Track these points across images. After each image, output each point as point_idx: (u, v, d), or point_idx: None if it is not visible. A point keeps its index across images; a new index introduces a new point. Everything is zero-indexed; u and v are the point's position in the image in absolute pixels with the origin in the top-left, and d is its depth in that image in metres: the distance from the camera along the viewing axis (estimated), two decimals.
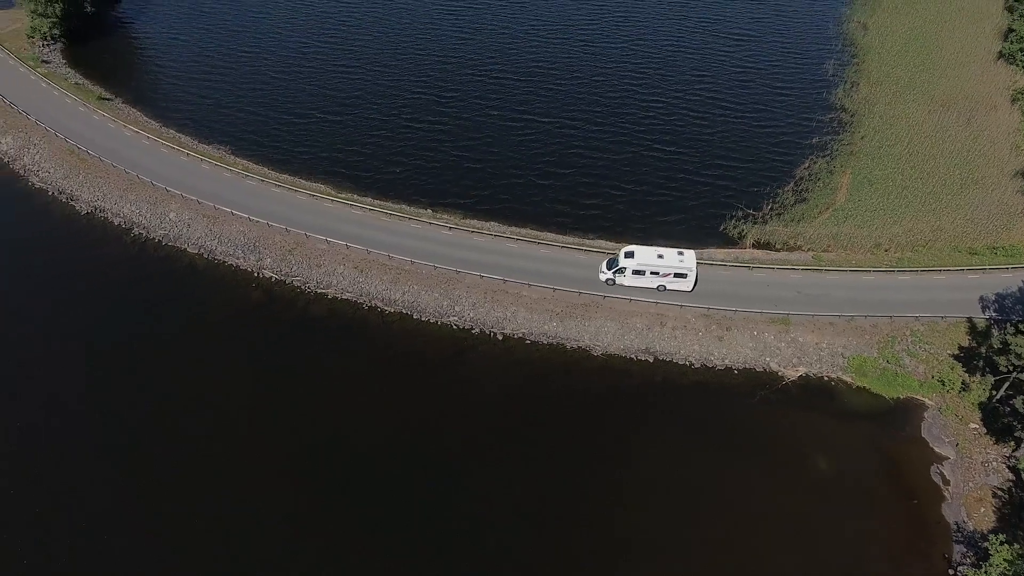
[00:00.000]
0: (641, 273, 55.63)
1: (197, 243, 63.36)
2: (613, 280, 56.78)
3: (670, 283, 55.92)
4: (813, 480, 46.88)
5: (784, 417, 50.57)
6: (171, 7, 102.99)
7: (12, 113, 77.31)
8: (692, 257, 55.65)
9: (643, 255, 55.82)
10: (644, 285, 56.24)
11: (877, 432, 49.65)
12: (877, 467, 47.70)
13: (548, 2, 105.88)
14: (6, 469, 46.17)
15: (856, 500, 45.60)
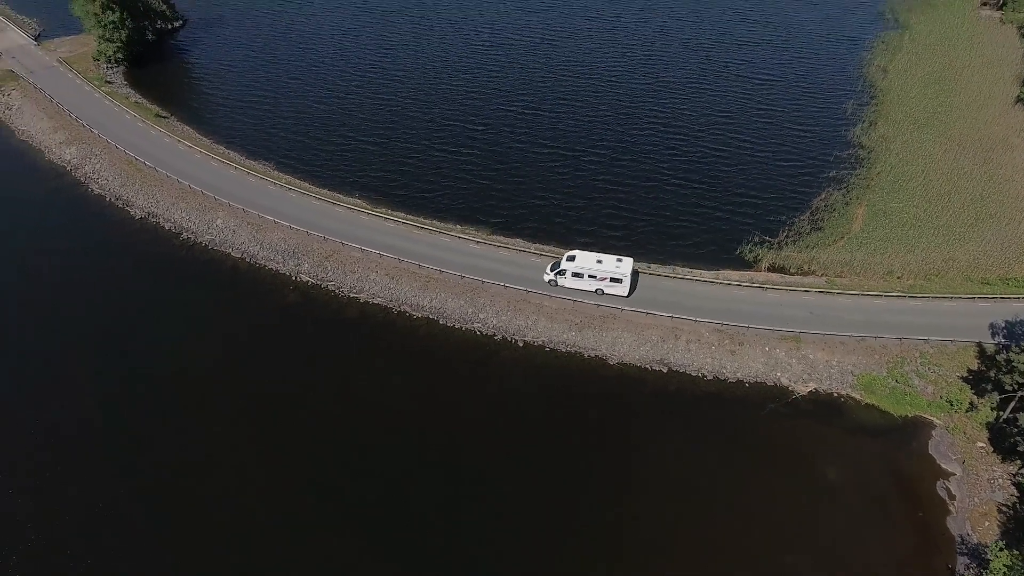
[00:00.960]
0: (580, 276, 59.15)
1: (241, 248, 67.64)
2: (555, 281, 60.35)
3: (607, 287, 59.10)
4: (820, 488, 48.11)
5: (793, 428, 52.10)
6: (223, 38, 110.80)
7: (77, 127, 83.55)
8: (629, 264, 58.81)
9: (583, 260, 59.37)
10: (583, 287, 59.58)
11: (885, 447, 50.88)
12: (884, 479, 48.81)
13: (577, 42, 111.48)
14: (64, 453, 49.66)
15: (862, 510, 46.71)
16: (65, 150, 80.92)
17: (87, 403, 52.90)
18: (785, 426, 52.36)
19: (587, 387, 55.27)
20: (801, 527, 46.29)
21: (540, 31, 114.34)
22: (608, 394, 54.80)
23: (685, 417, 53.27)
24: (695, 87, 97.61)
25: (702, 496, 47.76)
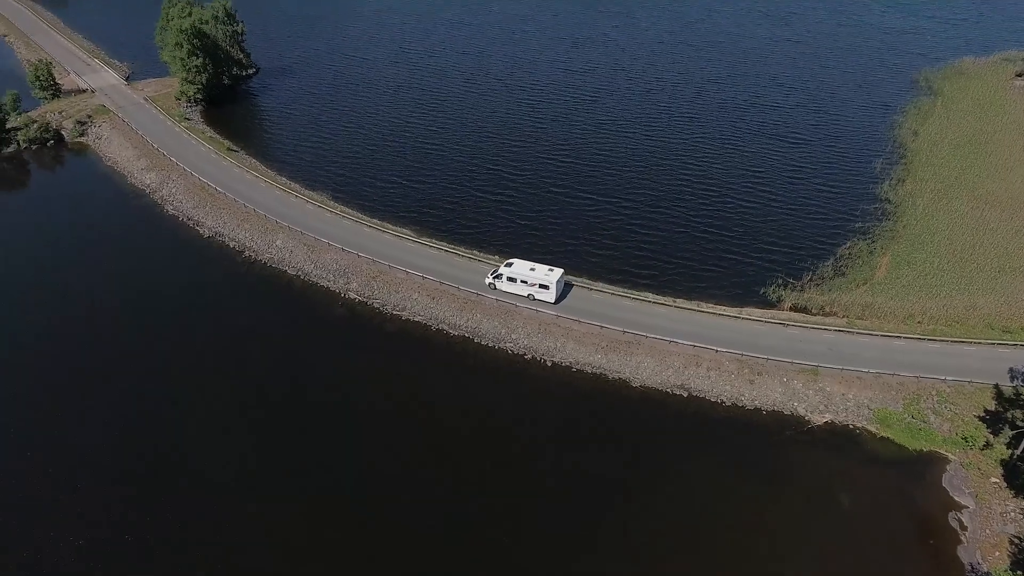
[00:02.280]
0: (514, 280, 65.29)
1: (296, 266, 73.65)
2: (494, 285, 66.55)
3: (537, 292, 65.08)
4: (833, 514, 49.55)
5: (808, 456, 53.87)
6: (290, 85, 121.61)
7: (158, 155, 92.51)
8: (558, 273, 64.93)
9: (518, 267, 65.98)
10: (516, 292, 65.65)
11: (899, 478, 52.16)
12: (897, 508, 49.94)
13: (618, 101, 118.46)
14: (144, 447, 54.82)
15: (874, 535, 47.88)
16: (146, 175, 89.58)
17: (155, 389, 58.18)
18: (800, 453, 54.20)
19: (609, 407, 58.25)
20: (812, 551, 47.56)
21: (583, 90, 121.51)
22: (629, 414, 57.64)
23: (703, 440, 55.57)
24: (728, 145, 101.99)
25: (715, 515, 49.53)
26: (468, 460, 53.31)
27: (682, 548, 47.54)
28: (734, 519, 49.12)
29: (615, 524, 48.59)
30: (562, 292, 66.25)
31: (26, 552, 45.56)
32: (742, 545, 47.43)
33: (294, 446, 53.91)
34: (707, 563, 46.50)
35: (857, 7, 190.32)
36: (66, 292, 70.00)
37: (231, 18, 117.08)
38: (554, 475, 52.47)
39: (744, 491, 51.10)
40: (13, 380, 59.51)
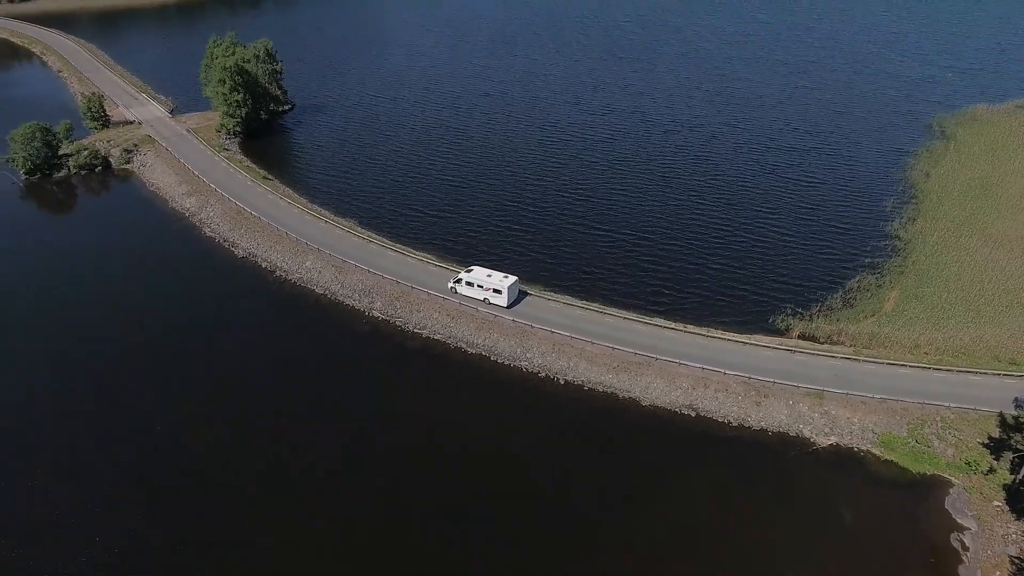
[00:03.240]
0: (472, 285, 71.26)
1: (324, 286, 77.49)
2: (455, 289, 72.53)
3: (491, 297, 70.72)
4: (836, 531, 50.64)
5: (813, 476, 55.16)
6: (323, 121, 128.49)
7: (198, 182, 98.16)
8: (510, 280, 70.82)
9: (477, 273, 72.01)
10: (474, 296, 71.53)
11: (902, 499, 53.17)
12: (899, 528, 50.87)
13: (635, 141, 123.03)
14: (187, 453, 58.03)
15: (876, 552, 48.78)
16: (186, 199, 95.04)
17: (198, 394, 61.59)
18: (805, 473, 55.55)
19: (619, 424, 60.23)
20: (815, 566, 48.63)
21: (601, 130, 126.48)
22: (639, 432, 59.55)
23: (709, 457, 57.17)
24: (743, 185, 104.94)
25: (720, 529, 50.88)
26: (481, 470, 55.37)
27: (686, 559, 48.86)
28: (738, 533, 50.42)
29: (620, 532, 50.19)
30: (516, 299, 71.69)
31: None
32: (745, 558, 48.67)
33: (315, 454, 56.41)
34: (707, 571, 47.78)
35: (875, 57, 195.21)
36: (110, 305, 74.35)
37: (271, 57, 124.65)
38: (564, 485, 54.32)
39: (749, 506, 52.49)
40: (59, 386, 63.10)
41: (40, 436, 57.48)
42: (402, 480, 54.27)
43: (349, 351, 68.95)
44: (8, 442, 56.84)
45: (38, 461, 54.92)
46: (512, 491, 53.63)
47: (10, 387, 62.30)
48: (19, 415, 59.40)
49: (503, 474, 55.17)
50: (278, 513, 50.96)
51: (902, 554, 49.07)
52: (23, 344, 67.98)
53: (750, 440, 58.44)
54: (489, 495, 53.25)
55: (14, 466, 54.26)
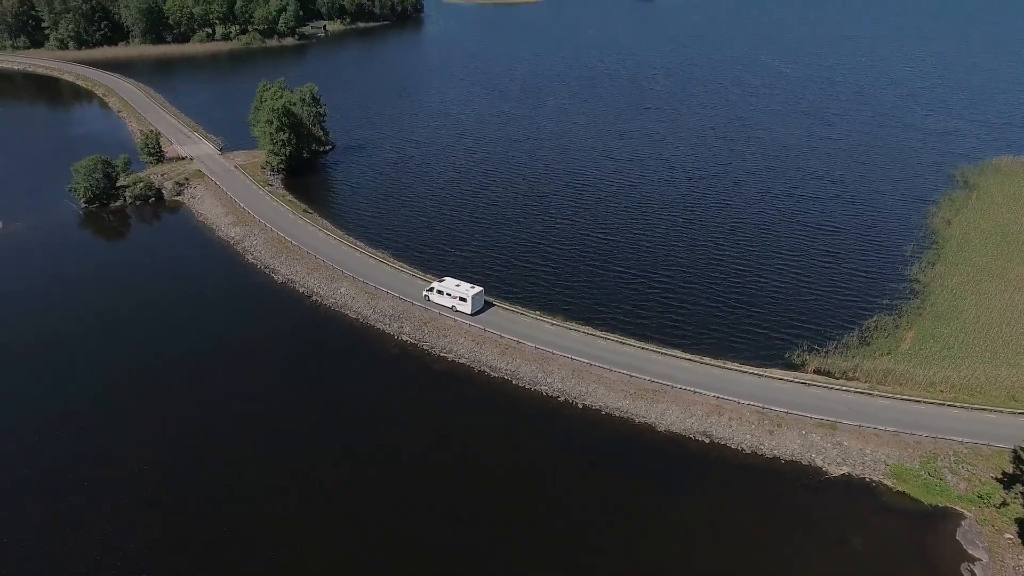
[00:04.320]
0: (442, 294, 78.51)
1: (356, 310, 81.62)
2: (428, 297, 79.72)
3: (458, 304, 78.08)
4: (846, 556, 51.52)
5: (825, 503, 56.24)
6: (360, 161, 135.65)
7: (243, 213, 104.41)
8: (476, 290, 78.32)
9: (447, 283, 79.60)
10: (444, 303, 78.86)
11: (913, 529, 53.90)
12: (910, 556, 51.51)
13: (657, 186, 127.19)
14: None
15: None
16: (232, 229, 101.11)
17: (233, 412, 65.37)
18: (816, 500, 56.70)
19: (635, 448, 62.21)
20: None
21: (626, 175, 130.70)
22: (653, 456, 61.42)
23: (722, 482, 58.66)
24: (764, 231, 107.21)
25: (730, 551, 52.04)
26: (499, 487, 57.53)
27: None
28: (749, 557, 51.53)
29: (632, 553, 51.72)
30: (480, 308, 78.82)
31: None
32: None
33: (344, 468, 59.30)
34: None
35: (900, 110, 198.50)
36: (158, 323, 79.22)
37: (316, 101, 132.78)
38: (578, 504, 56.09)
39: (761, 531, 53.74)
40: (108, 401, 67.33)
41: (91, 446, 61.18)
42: (422, 494, 56.42)
43: (379, 372, 72.35)
44: (64, 453, 60.64)
45: (95, 470, 58.42)
46: (527, 508, 55.51)
47: (69, 396, 66.50)
48: (68, 426, 63.26)
49: (520, 492, 57.20)
50: (306, 525, 53.05)
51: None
52: (78, 357, 72.62)
53: (763, 467, 59.87)
54: (505, 511, 55.18)
55: (73, 477, 57.73)
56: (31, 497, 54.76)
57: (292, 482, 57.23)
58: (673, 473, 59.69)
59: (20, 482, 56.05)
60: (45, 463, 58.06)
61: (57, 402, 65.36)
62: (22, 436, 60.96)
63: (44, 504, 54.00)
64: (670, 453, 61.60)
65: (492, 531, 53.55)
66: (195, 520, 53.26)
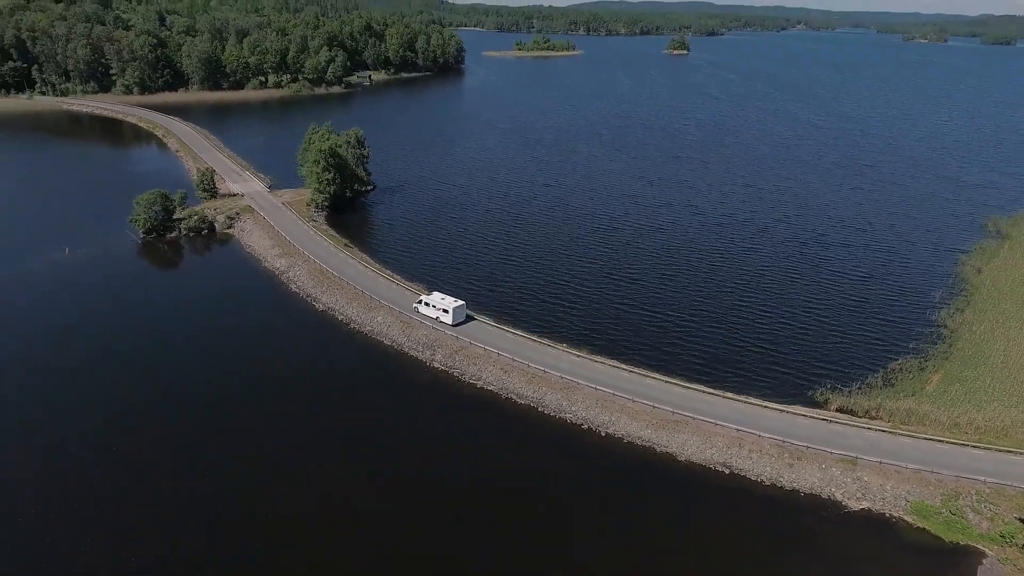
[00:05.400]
0: (429, 306, 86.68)
1: (392, 338, 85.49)
2: (417, 309, 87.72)
3: (441, 315, 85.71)
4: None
5: (843, 537, 56.66)
6: (399, 201, 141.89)
7: (288, 245, 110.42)
8: (457, 303, 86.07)
9: (434, 297, 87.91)
10: (429, 314, 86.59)
11: (933, 565, 53.97)
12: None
13: (685, 230, 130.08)
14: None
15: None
16: (277, 260, 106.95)
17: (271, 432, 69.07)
18: (835, 534, 57.23)
19: (655, 476, 63.65)
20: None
21: (654, 221, 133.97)
22: (673, 484, 62.79)
23: (741, 512, 59.56)
24: (792, 276, 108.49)
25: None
26: (520, 510, 59.16)
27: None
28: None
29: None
30: (462, 320, 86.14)
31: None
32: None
33: (375, 487, 61.99)
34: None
35: (933, 162, 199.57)
36: (206, 345, 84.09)
37: (360, 144, 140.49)
38: (598, 529, 57.51)
39: (778, 561, 54.43)
40: (152, 416, 71.71)
41: (127, 459, 65.24)
42: (446, 516, 58.20)
43: (411, 397, 75.41)
44: (122, 468, 64.80)
45: (144, 484, 62.39)
46: (548, 532, 56.89)
47: (122, 414, 71.05)
48: (118, 439, 67.61)
49: (541, 516, 58.64)
50: (333, 546, 54.78)
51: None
52: (132, 374, 77.46)
53: (782, 499, 60.74)
54: (527, 534, 56.48)
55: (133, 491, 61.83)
56: (88, 518, 58.57)
57: (322, 503, 59.52)
58: (692, 502, 60.87)
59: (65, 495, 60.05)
60: (93, 482, 62.03)
61: (108, 415, 69.89)
62: (67, 454, 64.78)
63: (98, 519, 57.73)
64: (690, 482, 62.88)
65: (515, 553, 55.00)
66: (222, 539, 55.42)
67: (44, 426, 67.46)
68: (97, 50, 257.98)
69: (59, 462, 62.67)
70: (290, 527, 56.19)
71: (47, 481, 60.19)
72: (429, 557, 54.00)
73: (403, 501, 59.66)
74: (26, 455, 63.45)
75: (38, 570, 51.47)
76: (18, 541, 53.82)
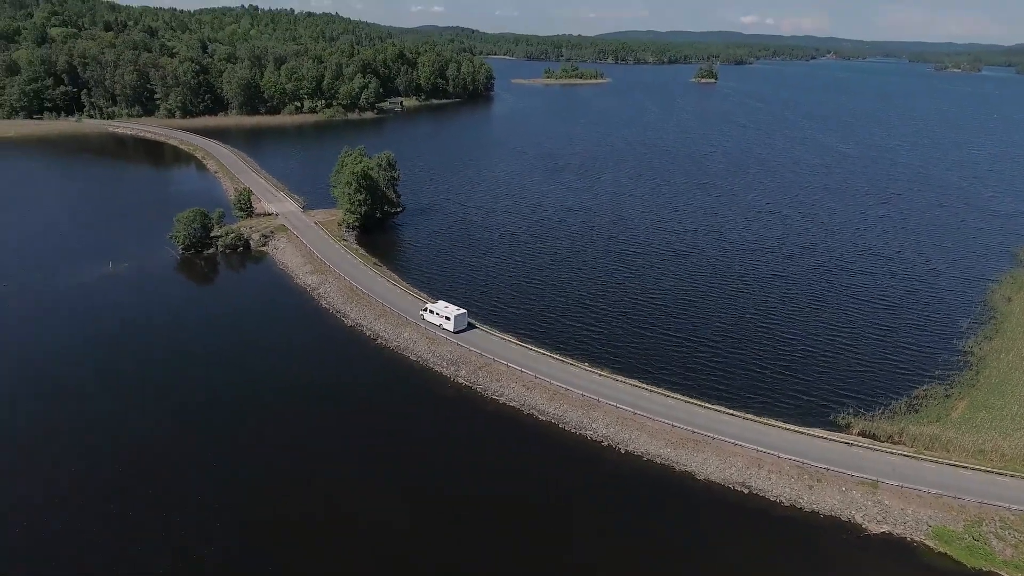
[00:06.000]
0: (433, 313, 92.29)
1: (417, 354, 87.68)
2: (423, 316, 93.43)
3: (443, 323, 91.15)
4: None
5: (863, 559, 56.48)
6: (427, 222, 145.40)
7: (320, 263, 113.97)
8: (458, 311, 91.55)
9: (438, 305, 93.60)
10: (434, 321, 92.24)
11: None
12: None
13: (708, 258, 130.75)
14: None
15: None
16: (308, 277, 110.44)
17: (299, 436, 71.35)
18: (855, 556, 57.12)
19: (674, 494, 64.20)
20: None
21: (678, 247, 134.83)
22: (692, 502, 63.28)
23: (760, 533, 59.79)
24: (817, 303, 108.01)
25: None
26: (539, 524, 60.03)
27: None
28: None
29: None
30: (463, 327, 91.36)
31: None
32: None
33: (394, 498, 63.46)
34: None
35: (964, 191, 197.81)
36: (240, 358, 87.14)
37: (391, 167, 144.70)
38: (616, 546, 58.06)
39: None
40: (186, 424, 74.53)
41: (170, 478, 67.97)
42: (466, 529, 59.33)
43: (435, 411, 77.14)
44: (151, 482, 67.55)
45: (168, 498, 64.98)
46: (566, 547, 57.75)
47: (160, 417, 74.14)
48: (150, 451, 70.44)
49: (559, 531, 59.39)
50: (355, 558, 56.54)
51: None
52: (169, 382, 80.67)
53: (801, 520, 60.85)
54: (545, 548, 57.40)
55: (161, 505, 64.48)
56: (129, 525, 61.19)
57: (343, 512, 61.10)
58: (711, 520, 61.26)
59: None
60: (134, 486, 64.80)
61: (144, 414, 72.93)
62: (104, 457, 67.81)
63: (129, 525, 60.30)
64: (709, 502, 63.30)
65: (533, 567, 55.82)
66: (251, 543, 57.26)
67: (85, 432, 70.53)
68: (143, 76, 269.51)
69: (97, 465, 65.50)
70: (311, 535, 57.91)
71: (83, 482, 62.99)
72: (448, 569, 55.10)
73: (423, 512, 61.01)
74: (71, 454, 66.43)
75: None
76: (74, 530, 56.45)
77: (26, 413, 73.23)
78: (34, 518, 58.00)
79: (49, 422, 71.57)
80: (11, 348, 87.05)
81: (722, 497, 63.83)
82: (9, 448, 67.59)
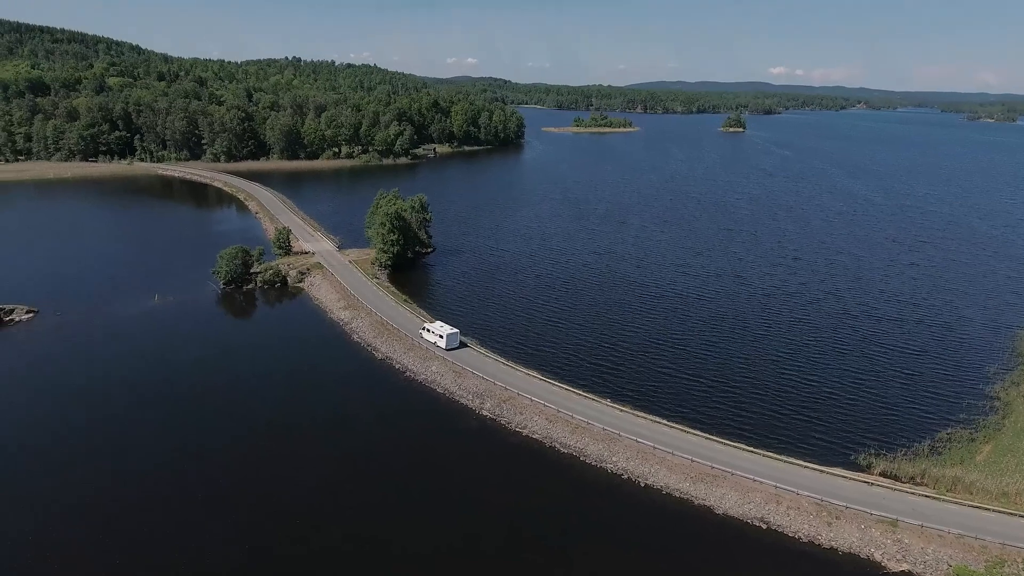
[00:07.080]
0: (430, 332, 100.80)
1: (444, 387, 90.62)
2: (422, 335, 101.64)
3: (438, 340, 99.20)
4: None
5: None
6: (456, 263, 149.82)
7: (353, 299, 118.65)
8: (451, 331, 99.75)
9: (435, 325, 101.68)
10: (431, 339, 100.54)
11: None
12: None
13: (731, 300, 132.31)
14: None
15: None
16: (342, 312, 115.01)
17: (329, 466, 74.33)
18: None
19: (692, 528, 65.16)
20: None
21: (700, 291, 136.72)
22: (710, 537, 64.14)
23: (778, 568, 60.27)
24: (841, 349, 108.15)
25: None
26: (560, 555, 61.55)
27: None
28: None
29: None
30: (455, 346, 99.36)
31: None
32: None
33: (422, 526, 65.63)
34: None
35: (993, 239, 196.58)
36: (275, 388, 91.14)
37: (423, 208, 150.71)
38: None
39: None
40: (223, 448, 78.14)
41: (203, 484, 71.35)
42: (484, 556, 61.39)
43: (460, 442, 79.52)
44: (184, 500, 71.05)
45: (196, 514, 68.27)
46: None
47: (194, 441, 78.02)
48: (188, 465, 74.08)
49: (580, 562, 60.83)
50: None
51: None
52: (202, 411, 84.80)
53: (820, 556, 61.26)
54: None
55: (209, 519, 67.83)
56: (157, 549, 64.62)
57: (367, 545, 63.16)
58: (729, 555, 61.94)
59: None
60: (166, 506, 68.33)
61: (187, 438, 76.78)
62: (148, 477, 71.68)
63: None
64: (727, 537, 64.05)
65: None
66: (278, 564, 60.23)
67: (130, 450, 74.62)
68: (192, 122, 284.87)
69: (141, 485, 69.23)
70: (342, 560, 60.31)
71: (124, 499, 66.65)
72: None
73: (446, 540, 62.84)
74: (119, 475, 70.36)
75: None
76: (122, 540, 59.82)
77: (104, 426, 77.70)
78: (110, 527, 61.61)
79: (123, 437, 75.89)
80: (63, 375, 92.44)
81: (740, 532, 64.60)
82: (67, 466, 71.80)
